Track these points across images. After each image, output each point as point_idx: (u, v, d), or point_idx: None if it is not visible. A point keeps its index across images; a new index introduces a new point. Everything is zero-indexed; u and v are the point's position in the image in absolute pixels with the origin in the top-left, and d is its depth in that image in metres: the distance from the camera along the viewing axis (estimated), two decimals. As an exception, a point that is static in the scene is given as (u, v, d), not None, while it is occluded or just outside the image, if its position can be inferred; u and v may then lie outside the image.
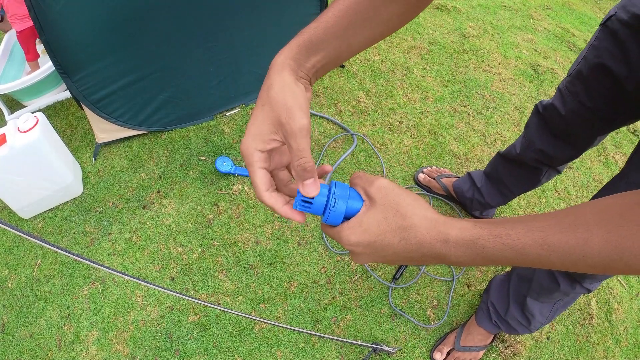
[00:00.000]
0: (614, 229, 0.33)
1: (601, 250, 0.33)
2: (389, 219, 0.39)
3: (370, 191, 0.42)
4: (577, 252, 0.34)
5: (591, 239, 0.34)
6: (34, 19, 1.23)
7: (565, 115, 1.00)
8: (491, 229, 0.37)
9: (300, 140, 0.40)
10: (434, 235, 0.38)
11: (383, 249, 0.40)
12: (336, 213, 0.42)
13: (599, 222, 0.34)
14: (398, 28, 0.48)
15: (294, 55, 0.44)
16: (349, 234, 0.41)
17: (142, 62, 1.52)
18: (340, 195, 0.42)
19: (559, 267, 0.36)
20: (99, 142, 1.69)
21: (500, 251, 0.36)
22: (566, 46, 2.32)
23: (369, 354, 1.27)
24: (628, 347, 1.34)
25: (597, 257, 0.34)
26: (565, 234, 0.35)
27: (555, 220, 0.36)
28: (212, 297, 1.38)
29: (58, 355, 1.27)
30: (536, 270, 1.07)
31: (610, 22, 0.82)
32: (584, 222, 0.34)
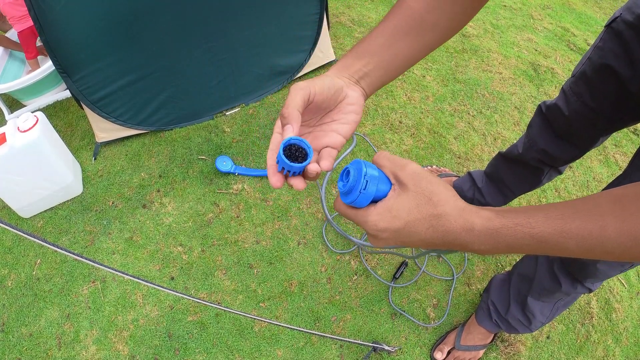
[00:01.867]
0: (628, 218, 0.34)
1: (617, 238, 0.35)
2: (421, 207, 0.40)
3: (401, 176, 0.41)
4: (594, 240, 0.36)
5: (607, 227, 0.35)
6: (34, 19, 1.23)
7: (569, 115, 1.00)
8: (513, 218, 0.38)
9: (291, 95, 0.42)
10: (461, 224, 0.39)
11: (409, 235, 0.40)
12: (366, 196, 0.40)
13: (613, 211, 0.35)
14: (448, 37, 0.51)
15: (342, 61, 0.50)
16: (377, 219, 0.40)
17: (142, 61, 1.52)
18: (372, 177, 0.40)
19: (576, 253, 0.38)
20: (99, 142, 1.69)
21: (521, 239, 0.38)
22: (566, 46, 2.32)
23: (369, 353, 1.26)
24: (628, 346, 1.34)
25: (613, 243, 0.35)
26: (582, 222, 0.36)
27: (572, 209, 0.37)
28: (212, 296, 1.38)
29: (58, 354, 1.27)
30: (537, 269, 1.07)
31: (615, 24, 0.83)
32: (599, 212, 0.36)
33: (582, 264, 0.92)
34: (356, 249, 1.48)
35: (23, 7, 1.80)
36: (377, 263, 1.46)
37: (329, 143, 0.47)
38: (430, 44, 0.50)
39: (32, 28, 1.84)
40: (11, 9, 1.83)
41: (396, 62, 0.50)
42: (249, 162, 1.69)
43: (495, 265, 1.47)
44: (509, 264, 1.47)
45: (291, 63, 1.86)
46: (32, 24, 1.82)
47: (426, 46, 0.50)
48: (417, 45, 0.49)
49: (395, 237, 0.41)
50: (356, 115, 0.49)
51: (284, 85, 1.93)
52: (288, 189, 1.61)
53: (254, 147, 1.74)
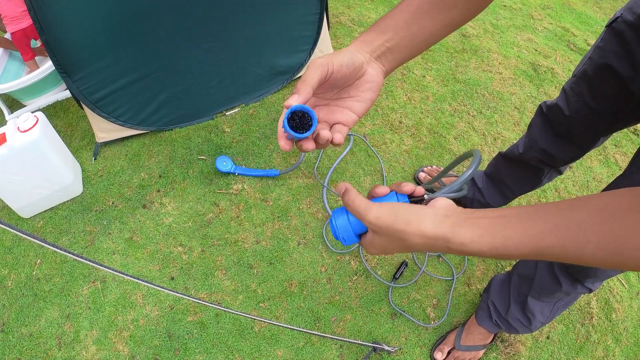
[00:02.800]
0: (610, 234, 0.34)
1: (596, 253, 0.35)
2: (394, 242, 0.45)
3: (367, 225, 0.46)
4: (572, 254, 0.36)
5: (587, 245, 0.35)
6: (34, 19, 1.23)
7: (570, 115, 1.00)
8: (488, 243, 0.40)
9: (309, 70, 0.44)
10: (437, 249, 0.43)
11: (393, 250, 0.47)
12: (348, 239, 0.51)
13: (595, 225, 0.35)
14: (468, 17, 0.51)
15: (363, 37, 0.49)
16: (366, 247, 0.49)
17: (142, 61, 1.52)
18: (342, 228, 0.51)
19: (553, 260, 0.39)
20: (99, 142, 1.69)
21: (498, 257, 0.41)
22: (566, 46, 2.32)
23: (369, 353, 1.26)
24: (628, 347, 1.34)
25: (593, 258, 0.36)
26: (561, 238, 0.37)
27: (552, 222, 0.37)
28: (212, 297, 1.38)
29: (58, 354, 1.27)
30: (537, 270, 1.07)
31: (616, 24, 0.83)
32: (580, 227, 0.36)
33: (582, 264, 0.92)
34: (356, 249, 1.48)
35: (20, 7, 1.80)
36: (377, 263, 1.46)
37: (341, 120, 0.49)
38: (451, 22, 0.51)
39: (25, 30, 1.83)
40: (7, 7, 1.81)
41: (419, 38, 0.50)
42: (249, 162, 1.69)
43: (495, 265, 1.47)
44: (509, 264, 1.47)
45: (291, 63, 1.86)
46: (25, 27, 1.82)
47: (447, 25, 0.50)
48: (439, 23, 0.50)
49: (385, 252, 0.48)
50: (373, 93, 0.49)
51: (284, 85, 1.92)
52: (288, 190, 1.61)
53: (254, 147, 1.74)
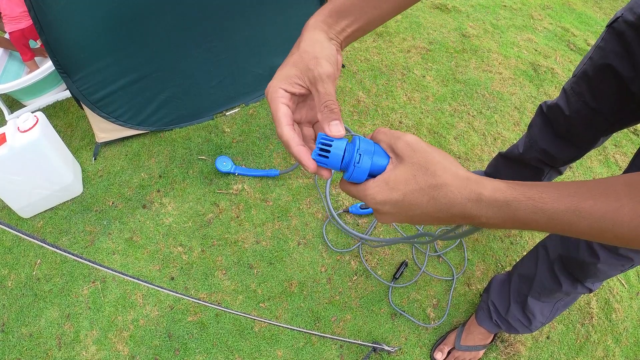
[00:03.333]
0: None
1: (631, 221, 0.33)
2: (418, 177, 0.38)
3: (396, 147, 0.40)
4: (607, 221, 0.34)
5: (622, 209, 0.33)
6: (34, 18, 1.23)
7: (570, 115, 1.00)
8: (524, 192, 0.36)
9: (327, 85, 0.41)
10: (466, 195, 0.37)
11: (410, 208, 0.39)
12: (361, 170, 0.39)
13: (629, 194, 0.34)
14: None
15: (325, 19, 0.45)
16: (375, 192, 0.39)
17: (142, 61, 1.52)
18: (365, 150, 0.40)
19: (586, 234, 0.36)
20: (99, 142, 1.69)
21: (532, 214, 0.36)
22: (566, 46, 2.32)
23: (369, 353, 1.26)
24: (628, 347, 1.34)
25: (626, 227, 0.34)
26: (596, 201, 0.34)
27: (586, 188, 0.35)
28: (212, 297, 1.38)
29: (58, 354, 1.27)
30: (538, 270, 1.07)
31: (616, 24, 0.83)
32: (614, 192, 0.34)
33: (583, 264, 0.92)
34: (356, 249, 1.48)
35: (20, 7, 1.80)
36: (377, 263, 1.46)
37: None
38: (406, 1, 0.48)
39: (23, 31, 1.83)
40: (7, 6, 1.81)
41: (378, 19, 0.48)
42: (249, 162, 1.69)
43: (495, 265, 1.47)
44: (509, 264, 1.47)
45: (291, 63, 1.86)
46: (23, 27, 1.82)
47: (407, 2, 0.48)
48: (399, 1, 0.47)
49: (397, 211, 0.40)
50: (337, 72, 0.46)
51: (284, 86, 1.92)
52: (288, 190, 1.61)
53: (254, 147, 1.74)
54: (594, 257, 0.88)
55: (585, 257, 0.90)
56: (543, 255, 1.06)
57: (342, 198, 1.60)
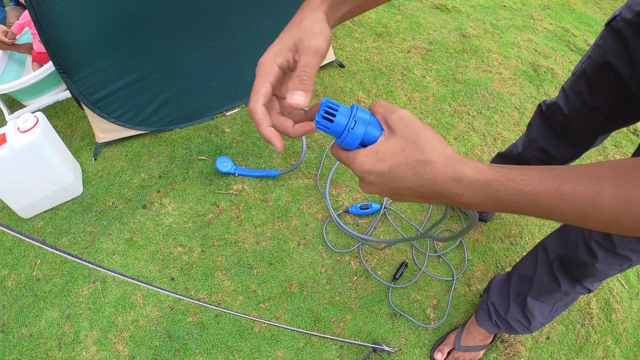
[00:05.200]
0: (625, 185, 0.33)
1: (611, 204, 0.34)
2: (406, 151, 0.39)
3: (390, 120, 0.41)
4: (588, 204, 0.35)
5: (602, 192, 0.34)
6: (34, 18, 1.23)
7: (568, 114, 1.00)
8: (505, 173, 0.37)
9: (309, 58, 0.42)
10: (449, 173, 0.38)
11: (395, 181, 0.40)
12: (353, 136, 0.41)
13: (610, 176, 0.34)
14: None
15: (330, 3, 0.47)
16: (363, 160, 0.40)
17: (142, 62, 1.52)
18: (361, 119, 0.41)
19: (568, 219, 0.36)
20: (99, 142, 1.69)
21: (513, 196, 0.37)
22: (566, 46, 2.32)
23: (369, 354, 1.26)
24: (628, 347, 1.34)
25: (606, 210, 0.34)
26: (577, 184, 0.35)
27: (568, 171, 0.36)
28: (212, 297, 1.38)
29: (58, 355, 1.27)
30: (537, 270, 1.07)
31: (615, 22, 0.83)
32: (596, 175, 0.35)
33: (581, 263, 0.92)
34: (356, 249, 1.48)
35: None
36: (377, 263, 1.46)
37: None
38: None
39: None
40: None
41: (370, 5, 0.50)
42: (249, 163, 1.69)
43: (495, 265, 1.47)
44: (509, 265, 1.47)
45: (291, 63, 1.86)
46: None
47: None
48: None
49: (382, 182, 0.40)
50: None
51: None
52: (288, 190, 1.61)
53: (254, 148, 1.74)
54: (592, 256, 0.88)
55: (583, 256, 0.90)
56: (542, 255, 1.06)
57: (342, 198, 1.60)
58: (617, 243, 0.83)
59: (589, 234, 0.89)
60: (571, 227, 0.97)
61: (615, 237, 0.83)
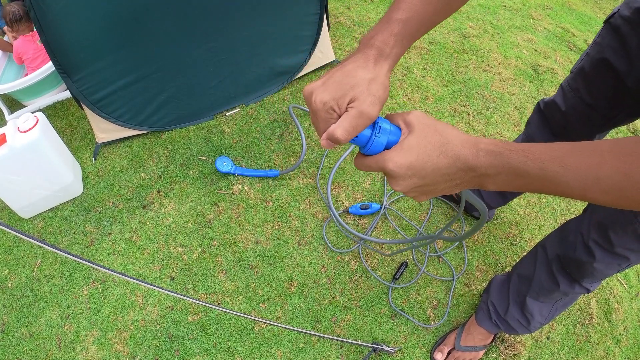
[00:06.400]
0: (624, 157, 0.36)
1: (613, 175, 0.36)
2: (429, 137, 0.43)
3: (407, 120, 0.45)
4: (591, 175, 0.37)
5: (604, 163, 0.37)
6: (34, 19, 1.23)
7: (566, 111, 1.00)
8: (515, 145, 0.41)
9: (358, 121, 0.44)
10: (467, 148, 0.42)
11: (424, 167, 0.43)
12: (379, 142, 0.45)
13: (612, 150, 0.37)
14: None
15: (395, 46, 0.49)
16: (392, 156, 0.43)
17: (142, 62, 1.52)
18: (384, 127, 0.46)
19: (577, 192, 0.39)
20: (99, 142, 1.69)
21: (523, 163, 0.40)
22: (566, 46, 2.32)
23: (369, 354, 1.27)
24: (628, 347, 1.34)
25: (609, 181, 0.37)
26: (580, 156, 0.38)
27: (571, 146, 0.39)
28: (212, 297, 1.38)
29: (58, 355, 1.27)
30: (536, 269, 1.07)
31: (613, 19, 0.83)
32: (598, 149, 0.38)
33: (580, 263, 0.92)
34: (356, 249, 1.48)
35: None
36: (377, 264, 1.46)
37: None
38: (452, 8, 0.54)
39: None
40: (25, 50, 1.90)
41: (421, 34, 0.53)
42: (249, 163, 1.69)
43: (495, 265, 1.47)
44: (509, 265, 1.47)
45: (291, 63, 1.86)
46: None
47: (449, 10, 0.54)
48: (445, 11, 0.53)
49: (412, 174, 0.43)
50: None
51: (284, 86, 1.93)
52: (288, 190, 1.61)
53: (254, 148, 1.74)
54: (590, 256, 0.88)
55: (581, 256, 0.90)
56: (542, 255, 1.06)
57: (342, 199, 1.60)
58: (615, 243, 0.83)
59: (587, 234, 0.89)
60: (571, 227, 0.97)
61: (613, 236, 0.83)
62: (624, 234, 0.81)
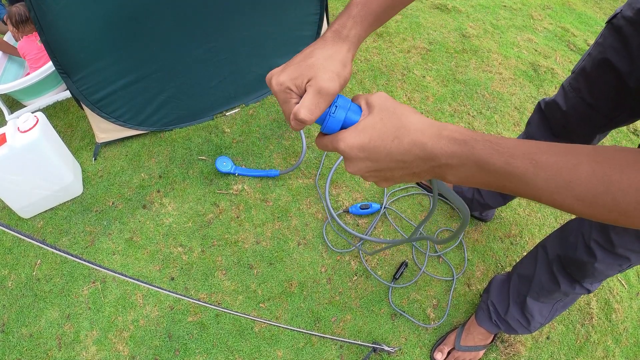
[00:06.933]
0: (603, 161, 0.33)
1: (588, 179, 0.33)
2: (385, 120, 0.40)
3: (370, 99, 0.43)
4: (564, 176, 0.34)
5: (580, 166, 0.34)
6: (34, 18, 1.23)
7: (566, 111, 1.00)
8: (483, 135, 0.38)
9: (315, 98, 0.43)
10: (428, 134, 0.39)
11: (376, 150, 0.40)
12: (335, 120, 0.43)
13: (590, 153, 0.34)
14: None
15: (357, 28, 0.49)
16: (345, 136, 0.41)
17: (142, 62, 1.52)
18: (342, 105, 0.44)
19: (544, 192, 0.35)
20: (99, 142, 1.69)
21: (489, 156, 0.36)
22: (566, 46, 2.32)
23: (369, 354, 1.27)
24: (628, 347, 1.34)
25: (583, 186, 0.33)
26: (554, 156, 0.35)
27: (547, 145, 0.36)
28: (212, 297, 1.38)
29: (58, 354, 1.27)
30: (537, 269, 1.07)
31: (615, 20, 0.83)
32: (575, 152, 0.35)
33: (580, 263, 0.92)
34: (356, 249, 1.48)
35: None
36: (377, 263, 1.46)
37: None
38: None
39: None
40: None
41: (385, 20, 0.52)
42: (249, 163, 1.69)
43: (495, 265, 1.47)
44: (509, 265, 1.47)
45: (291, 63, 1.86)
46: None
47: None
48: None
49: (364, 156, 0.41)
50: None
51: (284, 86, 1.92)
52: (288, 190, 1.61)
53: (254, 148, 1.74)
54: (591, 256, 0.88)
55: (582, 256, 0.90)
56: (542, 255, 1.06)
57: (342, 198, 1.60)
58: (617, 243, 0.83)
59: (588, 234, 0.89)
60: (571, 227, 0.97)
61: (614, 237, 0.83)
62: (625, 235, 0.81)
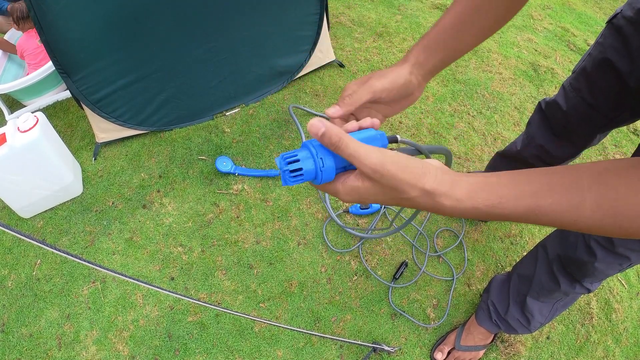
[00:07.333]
0: (607, 193, 0.34)
1: (592, 215, 0.34)
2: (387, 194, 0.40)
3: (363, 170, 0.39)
4: (569, 216, 0.35)
5: (583, 204, 0.34)
6: (34, 18, 1.23)
7: (567, 111, 1.00)
8: (485, 200, 0.38)
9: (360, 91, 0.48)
10: (430, 205, 0.40)
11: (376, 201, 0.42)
12: (328, 171, 0.41)
13: (591, 187, 0.34)
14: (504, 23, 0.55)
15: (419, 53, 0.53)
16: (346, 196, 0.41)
17: (143, 61, 1.52)
18: (323, 152, 0.41)
19: (547, 225, 0.38)
20: (99, 142, 1.69)
21: (492, 216, 0.39)
22: (566, 46, 2.32)
23: (369, 354, 1.26)
24: (628, 347, 1.34)
25: (588, 221, 0.34)
26: (557, 197, 0.35)
27: (548, 184, 0.36)
28: (212, 297, 1.38)
29: (58, 354, 1.27)
30: (537, 269, 1.07)
31: (616, 20, 0.83)
32: (577, 186, 0.35)
33: (580, 263, 0.92)
34: (356, 249, 1.48)
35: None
36: (377, 263, 1.46)
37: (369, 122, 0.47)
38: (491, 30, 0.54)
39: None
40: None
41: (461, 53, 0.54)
42: (249, 163, 1.69)
43: (495, 265, 1.47)
44: (509, 264, 1.47)
45: (291, 63, 1.87)
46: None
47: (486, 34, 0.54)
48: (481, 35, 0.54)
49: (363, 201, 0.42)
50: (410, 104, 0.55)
51: (284, 86, 1.93)
52: (288, 190, 1.61)
53: (254, 148, 1.74)
54: (592, 255, 0.88)
55: (582, 256, 0.90)
56: (542, 255, 1.06)
57: (342, 198, 1.60)
58: (617, 242, 0.83)
59: (588, 234, 0.89)
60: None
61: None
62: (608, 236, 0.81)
